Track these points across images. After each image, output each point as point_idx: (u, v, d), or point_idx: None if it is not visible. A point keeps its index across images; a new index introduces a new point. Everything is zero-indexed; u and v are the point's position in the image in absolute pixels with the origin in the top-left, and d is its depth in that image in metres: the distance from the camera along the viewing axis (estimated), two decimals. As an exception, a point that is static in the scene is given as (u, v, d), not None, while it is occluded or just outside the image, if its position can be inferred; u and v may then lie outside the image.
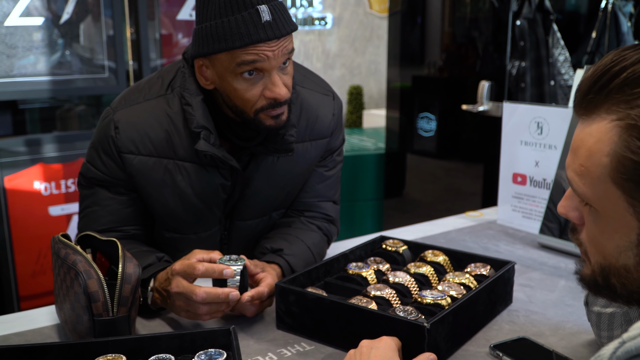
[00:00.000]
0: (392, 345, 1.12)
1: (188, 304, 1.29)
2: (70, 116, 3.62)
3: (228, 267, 1.30)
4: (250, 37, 1.31)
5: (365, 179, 4.25)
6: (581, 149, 0.84)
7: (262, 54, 1.33)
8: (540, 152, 2.03)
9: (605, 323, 1.21)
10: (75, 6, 3.14)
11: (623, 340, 0.69)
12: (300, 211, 1.69)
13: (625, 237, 0.82)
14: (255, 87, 1.38)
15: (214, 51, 1.34)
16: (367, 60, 6.05)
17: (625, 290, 0.86)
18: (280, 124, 1.44)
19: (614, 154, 0.79)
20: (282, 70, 1.40)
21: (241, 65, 1.34)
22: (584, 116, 0.84)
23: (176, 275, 1.30)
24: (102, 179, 1.50)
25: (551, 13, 3.58)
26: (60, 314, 1.29)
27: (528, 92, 3.54)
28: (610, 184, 0.80)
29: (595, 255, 0.89)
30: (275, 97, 1.38)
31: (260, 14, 1.31)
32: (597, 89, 0.81)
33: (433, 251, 1.58)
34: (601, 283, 0.89)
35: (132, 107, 1.49)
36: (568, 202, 0.91)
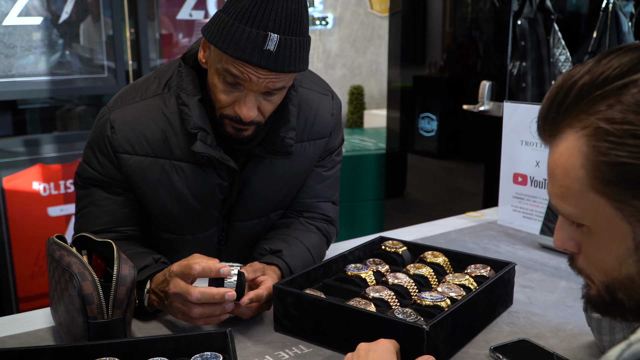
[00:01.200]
0: (390, 347, 1.11)
1: (184, 305, 1.28)
2: (70, 116, 3.61)
3: (225, 265, 1.29)
4: (243, 53, 1.29)
5: (366, 179, 4.24)
6: (556, 170, 0.84)
7: (247, 74, 1.32)
8: (541, 152, 2.01)
9: (606, 328, 1.20)
10: (74, 6, 3.13)
11: (630, 342, 0.67)
12: (299, 212, 1.67)
13: (622, 245, 0.81)
14: (229, 95, 1.37)
15: (213, 42, 1.33)
16: (368, 60, 6.04)
17: (634, 302, 0.84)
18: (240, 137, 1.42)
19: (587, 163, 0.79)
20: (266, 95, 1.39)
21: (225, 71, 1.34)
22: (550, 139, 0.85)
23: (174, 276, 1.29)
24: (99, 179, 1.49)
25: (552, 13, 3.57)
26: (55, 316, 1.28)
27: (529, 92, 3.53)
28: (593, 194, 0.80)
29: (597, 275, 0.87)
30: (239, 116, 1.37)
31: (267, 40, 1.28)
32: (555, 108, 0.82)
33: (432, 252, 1.56)
34: (609, 301, 0.87)
35: (128, 106, 1.48)
36: (561, 234, 0.90)
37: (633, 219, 0.78)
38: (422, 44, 3.95)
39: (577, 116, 0.79)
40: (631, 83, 0.75)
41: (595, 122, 0.77)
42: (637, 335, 0.68)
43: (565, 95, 0.80)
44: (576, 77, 0.80)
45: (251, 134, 1.43)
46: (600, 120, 0.76)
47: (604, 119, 0.76)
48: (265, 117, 1.42)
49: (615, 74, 0.77)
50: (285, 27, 1.29)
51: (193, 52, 1.47)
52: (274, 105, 1.42)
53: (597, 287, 0.88)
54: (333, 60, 5.91)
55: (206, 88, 1.44)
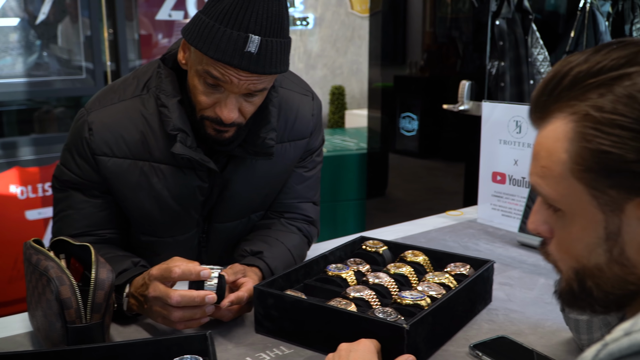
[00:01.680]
0: (371, 347, 1.11)
1: (163, 308, 1.27)
2: (48, 118, 3.58)
3: (205, 268, 1.28)
4: (224, 55, 1.29)
5: (348, 179, 4.25)
6: (541, 152, 0.85)
7: (227, 75, 1.32)
8: (519, 151, 2.03)
9: (584, 327, 1.21)
10: (52, 7, 3.10)
11: (606, 342, 0.67)
12: (279, 212, 1.67)
13: (593, 234, 0.82)
14: (209, 96, 1.37)
15: (193, 44, 1.32)
16: (348, 61, 6.05)
17: (601, 292, 0.85)
18: (221, 139, 1.42)
19: (571, 148, 0.80)
20: (247, 97, 1.38)
21: (206, 73, 1.33)
22: (539, 121, 0.86)
23: (153, 280, 1.28)
24: (77, 181, 1.47)
25: (530, 13, 3.59)
26: (33, 321, 1.26)
27: (508, 92, 3.55)
28: (572, 179, 0.81)
29: (567, 261, 0.88)
30: (220, 118, 1.37)
31: (247, 42, 1.28)
32: (548, 92, 0.83)
33: (413, 251, 1.57)
34: (577, 289, 0.87)
35: (106, 108, 1.47)
36: (537, 217, 0.91)
37: (607, 209, 0.79)
38: (402, 44, 3.97)
39: (568, 102, 0.81)
40: (625, 75, 0.76)
41: (585, 108, 0.78)
42: (613, 335, 0.68)
43: (559, 81, 0.82)
44: (573, 64, 0.81)
45: (232, 135, 1.42)
46: (590, 107, 0.78)
47: (594, 106, 0.77)
48: (246, 118, 1.42)
49: (611, 65, 0.78)
50: (266, 29, 1.29)
51: (172, 53, 1.47)
52: (254, 106, 1.41)
53: (565, 276, 0.89)
54: (314, 60, 5.91)
55: (186, 89, 1.44)
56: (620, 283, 0.82)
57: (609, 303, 0.86)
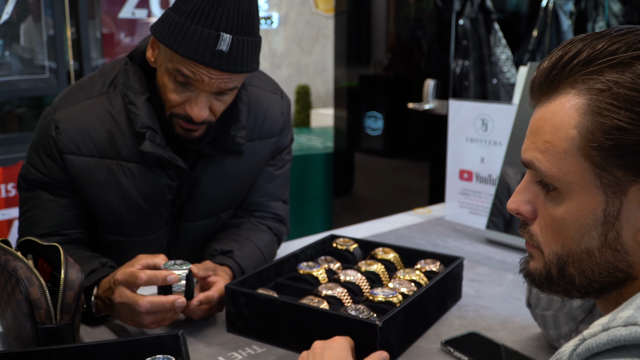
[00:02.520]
0: (345, 345, 1.11)
1: (132, 314, 1.25)
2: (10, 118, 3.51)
3: (172, 272, 1.27)
4: (195, 53, 1.28)
5: (314, 178, 4.25)
6: (544, 127, 0.82)
7: (198, 74, 1.31)
8: (486, 149, 2.05)
9: (550, 322, 1.22)
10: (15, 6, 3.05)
11: (584, 337, 0.67)
12: (249, 211, 1.67)
13: (590, 215, 0.80)
14: (179, 95, 1.36)
15: (163, 42, 1.31)
16: (314, 60, 6.05)
17: (585, 279, 0.83)
18: (189, 137, 1.42)
19: (581, 124, 0.78)
20: (218, 95, 1.38)
21: (176, 71, 1.33)
22: (544, 97, 0.84)
23: (119, 285, 1.26)
24: (43, 180, 1.45)
25: (492, 12, 3.64)
26: (2, 322, 1.24)
27: (471, 90, 3.59)
28: (578, 156, 0.79)
29: (551, 245, 0.85)
30: (190, 116, 1.36)
31: (219, 41, 1.27)
32: (560, 67, 0.81)
33: (383, 249, 1.58)
34: (555, 275, 0.85)
35: (73, 106, 1.45)
36: (519, 197, 0.88)
37: (610, 190, 0.78)
38: (366, 44, 3.98)
39: (582, 77, 0.79)
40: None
41: (604, 83, 0.76)
42: (591, 330, 0.67)
43: (573, 57, 0.80)
44: (585, 43, 0.79)
45: (201, 133, 1.41)
46: (610, 82, 0.76)
47: (614, 81, 0.76)
48: (217, 116, 1.41)
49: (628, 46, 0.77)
50: (238, 27, 1.29)
51: (140, 51, 1.45)
52: (225, 104, 1.41)
53: (544, 259, 0.86)
54: (279, 59, 5.90)
55: (154, 87, 1.43)
56: (609, 270, 0.81)
57: (591, 290, 0.84)
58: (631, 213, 0.77)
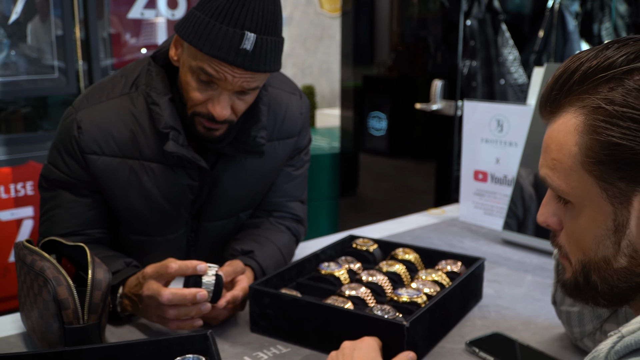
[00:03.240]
0: (375, 345, 1.11)
1: (157, 308, 1.26)
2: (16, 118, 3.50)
3: (201, 262, 1.27)
4: (220, 52, 1.28)
5: (321, 178, 4.25)
6: (551, 145, 0.86)
7: (222, 73, 1.31)
8: (501, 150, 2.05)
9: (575, 320, 1.23)
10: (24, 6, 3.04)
11: (622, 334, 0.68)
12: (268, 211, 1.66)
13: (602, 225, 0.83)
14: (202, 93, 1.36)
15: (187, 40, 1.31)
16: (318, 60, 6.05)
17: (607, 286, 0.86)
18: (211, 137, 1.42)
19: (581, 141, 0.82)
20: (240, 94, 1.38)
21: (199, 69, 1.32)
22: (550, 115, 0.88)
23: (148, 278, 1.26)
24: (65, 180, 1.45)
25: (499, 13, 3.64)
26: (27, 322, 1.24)
27: (479, 91, 3.59)
28: (582, 172, 0.82)
29: (575, 254, 0.89)
30: (212, 114, 1.36)
31: (243, 39, 1.27)
32: (559, 86, 0.85)
33: (404, 249, 1.58)
34: (582, 282, 0.89)
35: (95, 106, 1.44)
36: (545, 209, 0.92)
37: (616, 201, 0.81)
38: (370, 44, 3.99)
39: (579, 95, 0.82)
40: (636, 70, 0.78)
41: (595, 101, 0.80)
42: (629, 327, 0.69)
43: (570, 75, 0.83)
44: (583, 60, 0.83)
45: (223, 133, 1.41)
46: (601, 100, 0.79)
47: (605, 99, 0.79)
48: (238, 116, 1.41)
49: (621, 60, 0.80)
50: (262, 27, 1.29)
51: (163, 51, 1.45)
52: (246, 104, 1.41)
53: (573, 268, 0.90)
54: (284, 59, 5.86)
55: (176, 87, 1.43)
56: (627, 276, 0.83)
57: (614, 296, 0.87)
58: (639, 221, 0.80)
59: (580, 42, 4.07)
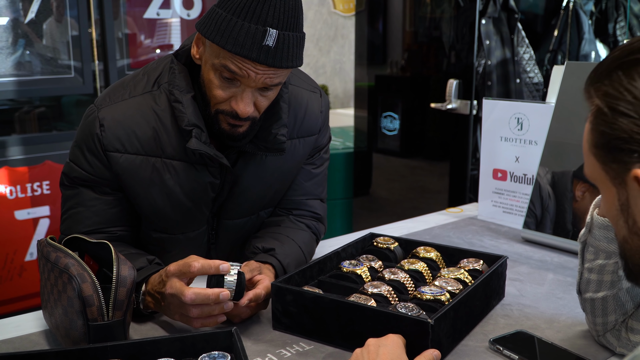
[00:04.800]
0: (400, 342, 1.11)
1: (180, 306, 1.25)
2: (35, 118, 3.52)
3: (224, 262, 1.26)
4: (243, 48, 1.28)
5: (335, 178, 4.24)
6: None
7: (245, 69, 1.31)
8: (521, 148, 2.04)
9: (599, 309, 1.22)
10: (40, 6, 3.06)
11: None
12: (288, 209, 1.66)
13: (613, 207, 0.89)
14: (225, 90, 1.36)
15: (210, 38, 1.31)
16: (331, 60, 6.05)
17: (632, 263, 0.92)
18: (235, 134, 1.42)
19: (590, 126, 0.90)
20: (262, 91, 1.38)
21: (222, 67, 1.32)
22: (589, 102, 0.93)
23: (171, 276, 1.26)
24: (87, 178, 1.45)
25: (516, 12, 3.62)
26: (50, 319, 1.24)
27: (494, 90, 3.58)
28: (590, 155, 0.90)
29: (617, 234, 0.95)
30: (236, 111, 1.36)
31: (265, 36, 1.27)
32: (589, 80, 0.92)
33: (425, 247, 1.57)
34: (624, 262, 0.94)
35: (117, 104, 1.45)
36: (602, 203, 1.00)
37: (616, 182, 0.86)
38: (383, 44, 3.98)
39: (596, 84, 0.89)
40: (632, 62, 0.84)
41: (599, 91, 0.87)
42: None
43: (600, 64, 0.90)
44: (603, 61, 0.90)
45: (245, 130, 1.41)
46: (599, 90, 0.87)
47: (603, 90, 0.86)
48: (260, 112, 1.41)
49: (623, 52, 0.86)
50: (284, 23, 1.28)
51: (186, 49, 1.45)
52: (269, 100, 1.41)
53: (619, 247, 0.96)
54: (297, 60, 5.89)
55: (198, 85, 1.43)
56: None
57: None
58: (636, 200, 0.85)
59: (595, 41, 4.05)
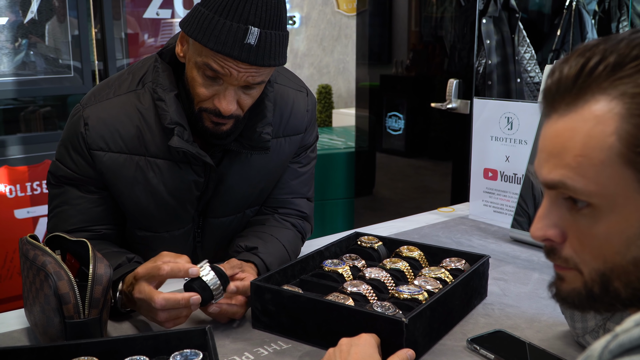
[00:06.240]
0: (372, 342, 1.11)
1: (149, 310, 1.25)
2: (35, 117, 3.55)
3: (193, 266, 1.27)
4: (224, 47, 1.29)
5: (336, 177, 4.25)
6: (573, 139, 0.76)
7: (227, 68, 1.32)
8: (511, 147, 2.04)
9: (578, 315, 1.22)
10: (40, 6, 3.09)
11: (616, 333, 0.64)
12: (273, 208, 1.67)
13: (635, 225, 0.74)
14: (208, 89, 1.37)
15: (192, 36, 1.32)
16: (335, 60, 6.05)
17: (631, 290, 0.78)
18: (219, 132, 1.42)
19: (622, 129, 0.72)
20: (245, 89, 1.39)
21: (205, 65, 1.33)
22: (567, 106, 0.78)
23: (140, 279, 1.26)
24: (72, 177, 1.46)
25: (517, 11, 3.61)
26: (30, 317, 1.25)
27: (495, 90, 3.57)
28: (619, 165, 0.73)
29: (590, 263, 0.79)
30: (219, 109, 1.37)
31: (247, 34, 1.28)
32: (587, 73, 0.76)
33: (408, 246, 1.57)
34: (598, 293, 0.80)
35: (101, 103, 1.46)
36: (544, 222, 0.82)
37: None
38: (388, 44, 3.98)
39: (612, 82, 0.74)
40: None
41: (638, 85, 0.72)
42: (624, 326, 0.64)
43: (597, 64, 0.75)
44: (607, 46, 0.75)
45: (229, 128, 1.42)
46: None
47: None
48: (244, 111, 1.42)
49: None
50: (266, 21, 1.29)
51: (170, 48, 1.46)
52: (252, 99, 1.42)
53: (584, 279, 0.81)
54: (300, 59, 5.91)
55: (182, 84, 1.44)
56: None
57: (635, 301, 0.79)
58: None
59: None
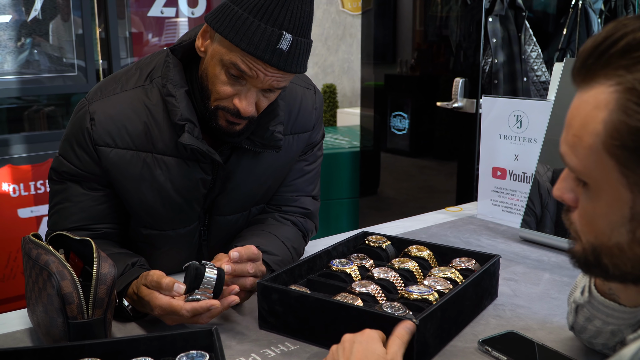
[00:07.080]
0: (375, 336, 1.08)
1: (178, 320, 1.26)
2: (39, 116, 3.53)
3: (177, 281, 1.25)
4: (256, 49, 1.27)
5: (341, 177, 4.23)
6: (576, 117, 0.80)
7: (255, 70, 1.30)
8: (520, 146, 2.01)
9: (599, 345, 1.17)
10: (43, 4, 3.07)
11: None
12: (277, 206, 1.65)
13: (618, 212, 0.79)
14: (229, 87, 1.35)
15: (223, 34, 1.30)
16: (340, 59, 6.03)
17: (618, 271, 0.84)
18: (231, 131, 1.41)
19: (609, 120, 0.75)
20: (266, 92, 1.37)
21: (232, 64, 1.31)
22: (582, 84, 0.81)
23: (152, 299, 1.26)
24: (76, 173, 1.44)
25: (523, 10, 3.59)
26: (32, 317, 1.23)
27: (501, 89, 3.54)
28: (604, 153, 0.76)
29: (586, 235, 0.86)
30: (238, 109, 1.35)
31: (281, 39, 1.27)
32: (597, 55, 0.78)
33: (417, 246, 1.55)
34: (592, 262, 0.86)
35: (108, 98, 1.43)
36: (563, 184, 0.88)
37: (636, 188, 0.76)
38: (392, 43, 3.95)
39: (616, 70, 0.76)
40: None
41: (631, 81, 0.74)
42: None
43: (610, 45, 0.76)
44: (627, 30, 0.76)
45: (242, 128, 1.40)
46: (637, 81, 0.73)
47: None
48: (259, 112, 1.41)
49: None
50: (298, 28, 1.29)
51: (184, 45, 1.43)
52: (269, 102, 1.41)
53: (583, 245, 0.87)
54: (305, 59, 5.88)
55: (193, 80, 1.42)
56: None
57: (625, 280, 0.86)
58: None
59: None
